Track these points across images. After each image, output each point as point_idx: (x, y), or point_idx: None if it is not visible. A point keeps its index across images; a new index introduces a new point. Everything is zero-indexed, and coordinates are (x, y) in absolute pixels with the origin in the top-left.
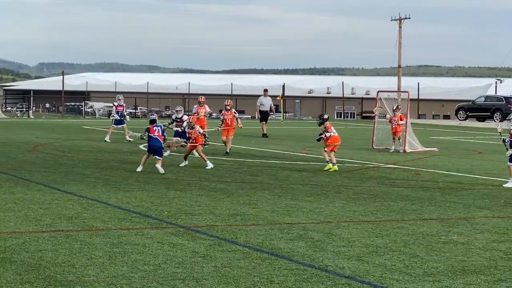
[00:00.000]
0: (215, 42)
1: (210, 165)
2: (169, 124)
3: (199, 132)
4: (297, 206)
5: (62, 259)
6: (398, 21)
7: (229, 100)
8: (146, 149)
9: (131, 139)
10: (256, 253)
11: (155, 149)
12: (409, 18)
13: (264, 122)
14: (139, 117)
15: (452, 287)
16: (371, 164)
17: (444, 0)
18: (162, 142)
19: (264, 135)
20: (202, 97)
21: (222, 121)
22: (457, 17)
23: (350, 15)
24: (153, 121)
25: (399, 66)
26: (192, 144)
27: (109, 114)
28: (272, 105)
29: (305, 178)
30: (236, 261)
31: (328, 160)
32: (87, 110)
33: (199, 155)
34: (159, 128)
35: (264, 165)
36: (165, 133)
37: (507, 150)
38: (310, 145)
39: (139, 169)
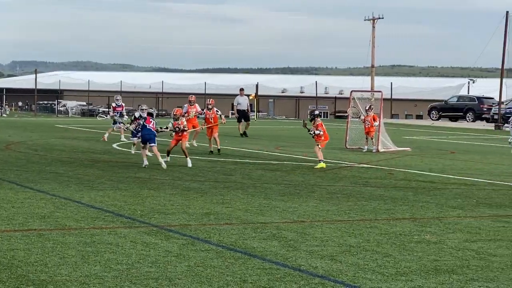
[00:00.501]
0: (189, 41)
1: (189, 163)
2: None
3: (178, 128)
4: (271, 205)
5: (35, 258)
6: (371, 21)
7: (211, 99)
8: (140, 142)
9: (125, 140)
10: (230, 252)
11: (149, 137)
12: (383, 18)
13: (241, 122)
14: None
15: (424, 287)
16: (345, 163)
17: (417, 1)
18: (155, 132)
19: (243, 134)
20: (193, 96)
21: (205, 120)
22: (430, 17)
23: (324, 15)
24: (150, 114)
25: (373, 66)
26: (177, 139)
27: (82, 113)
28: (249, 104)
29: (278, 177)
30: (209, 261)
31: (320, 159)
32: (60, 108)
33: (182, 150)
34: (154, 121)
35: (237, 164)
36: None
37: None
38: (284, 144)
39: (145, 163)
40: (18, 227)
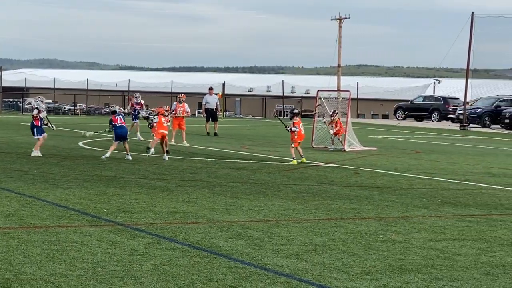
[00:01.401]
0: (155, 40)
1: (166, 158)
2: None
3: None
4: (237, 204)
5: None
6: (338, 20)
7: (182, 94)
8: (113, 139)
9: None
10: (195, 251)
11: (122, 135)
12: (349, 18)
13: (208, 121)
14: (78, 114)
15: (389, 286)
16: (311, 163)
17: (384, 1)
18: (126, 127)
19: (209, 133)
20: (183, 94)
21: (173, 111)
22: (397, 17)
23: (290, 14)
24: (114, 112)
25: (339, 66)
26: (161, 133)
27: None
28: (218, 104)
29: (244, 176)
30: (175, 259)
31: (293, 156)
32: (26, 106)
33: (163, 144)
34: (120, 116)
35: (204, 163)
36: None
37: None
38: (250, 143)
39: (107, 154)
40: None
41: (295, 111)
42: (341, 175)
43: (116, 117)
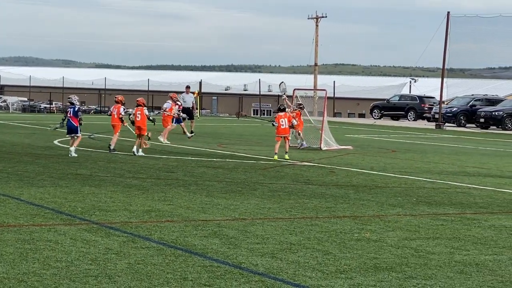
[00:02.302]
0: (132, 38)
1: (140, 153)
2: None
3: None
4: (212, 203)
5: None
6: (315, 19)
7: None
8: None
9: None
10: (170, 249)
11: (71, 128)
12: (326, 17)
13: (185, 120)
14: (53, 112)
15: (364, 284)
16: (286, 161)
17: (361, 0)
18: (75, 122)
19: (190, 132)
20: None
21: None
22: (373, 17)
23: (267, 13)
24: (70, 103)
25: (316, 64)
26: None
27: (23, 109)
28: (194, 102)
29: (220, 175)
30: (149, 258)
31: (275, 152)
32: (1, 104)
33: (141, 142)
34: (71, 109)
35: (179, 161)
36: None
37: None
38: (226, 142)
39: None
40: None
41: (281, 107)
42: (317, 174)
43: (68, 109)
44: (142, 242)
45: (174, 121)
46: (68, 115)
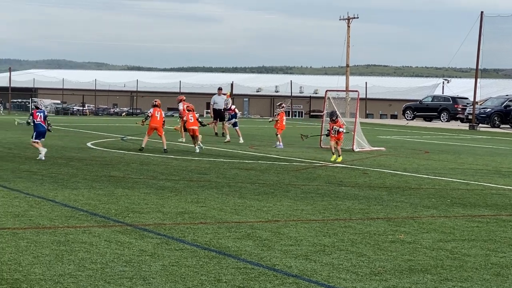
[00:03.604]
0: (164, 40)
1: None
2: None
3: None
4: (245, 204)
5: (8, 257)
6: (346, 20)
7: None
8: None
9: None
10: (204, 251)
11: (41, 133)
12: (357, 17)
13: (216, 121)
14: (86, 114)
15: (398, 286)
16: (319, 163)
17: (393, 1)
18: (45, 126)
19: (216, 134)
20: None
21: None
22: (405, 17)
23: (299, 14)
24: (36, 107)
25: (347, 65)
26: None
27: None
28: (227, 104)
29: (253, 176)
30: (183, 260)
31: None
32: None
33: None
34: (41, 113)
35: (212, 163)
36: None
37: None
38: (258, 143)
39: (41, 156)
40: None
41: (334, 112)
42: (350, 175)
43: (37, 113)
44: (175, 244)
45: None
46: (39, 119)
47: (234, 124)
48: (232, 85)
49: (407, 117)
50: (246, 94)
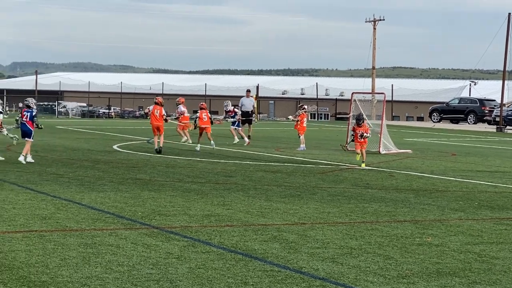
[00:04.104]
0: (189, 42)
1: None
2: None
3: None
4: (272, 207)
5: (36, 260)
6: (372, 22)
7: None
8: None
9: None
10: (231, 254)
11: (26, 132)
12: (384, 19)
13: (244, 124)
14: (112, 117)
15: None
16: (346, 165)
17: (419, 2)
18: (31, 127)
19: (245, 136)
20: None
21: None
22: (432, 19)
23: (325, 16)
24: (27, 106)
25: (373, 68)
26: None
27: (83, 114)
28: (255, 106)
29: (279, 179)
30: (210, 262)
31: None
32: (60, 109)
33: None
34: (28, 113)
35: (238, 166)
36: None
37: None
38: (284, 146)
39: (28, 159)
40: (19, 228)
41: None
42: (376, 178)
43: (24, 113)
44: (202, 246)
45: (236, 124)
46: (24, 119)
47: (234, 123)
48: (257, 87)
49: (434, 119)
50: (272, 96)
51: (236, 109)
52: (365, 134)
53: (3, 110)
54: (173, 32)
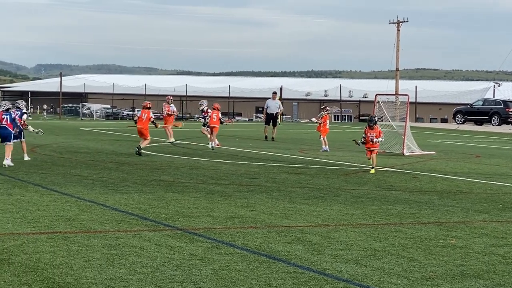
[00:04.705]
0: (213, 44)
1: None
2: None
3: None
4: (295, 209)
5: (60, 261)
6: (396, 24)
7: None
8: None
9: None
10: (254, 256)
11: (3, 136)
12: (407, 21)
13: (268, 125)
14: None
15: None
16: (369, 167)
17: (443, 4)
18: (11, 129)
19: (266, 138)
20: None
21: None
22: (455, 20)
23: (348, 18)
24: (17, 107)
25: (397, 69)
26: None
27: (107, 116)
28: (281, 109)
29: (303, 181)
30: (234, 264)
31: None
32: (85, 111)
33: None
34: (8, 116)
35: (261, 168)
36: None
37: None
38: (308, 148)
39: (5, 161)
40: (43, 229)
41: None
42: (400, 179)
43: (3, 116)
44: (226, 248)
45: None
46: (4, 123)
47: (205, 125)
48: (281, 89)
49: (458, 121)
50: (295, 98)
51: (209, 110)
52: (375, 140)
53: (27, 111)
54: (197, 34)
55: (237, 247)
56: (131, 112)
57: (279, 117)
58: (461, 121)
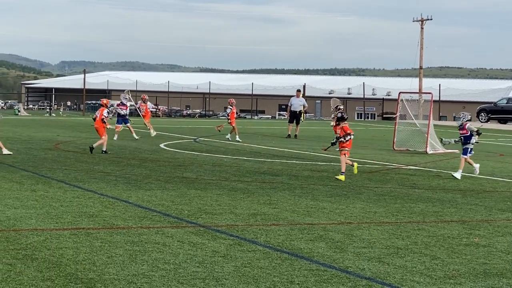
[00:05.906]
0: (236, 42)
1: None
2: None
3: None
4: (318, 206)
5: (83, 257)
6: (420, 22)
7: (143, 95)
8: None
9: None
10: (276, 253)
11: None
12: (431, 19)
13: (292, 123)
14: (159, 116)
15: None
16: (392, 165)
17: (467, 2)
18: None
19: (289, 136)
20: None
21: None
22: (480, 18)
23: (371, 16)
24: None
25: (421, 68)
26: None
27: (130, 113)
28: (306, 107)
29: (325, 178)
30: (256, 261)
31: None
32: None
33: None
34: None
35: (284, 165)
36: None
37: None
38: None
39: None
40: (66, 225)
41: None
42: (423, 177)
43: None
44: (248, 245)
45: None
46: None
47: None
48: (304, 87)
49: (482, 119)
50: (319, 96)
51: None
52: (341, 139)
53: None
54: (221, 31)
55: (259, 244)
56: (154, 109)
57: (302, 115)
58: (485, 119)
